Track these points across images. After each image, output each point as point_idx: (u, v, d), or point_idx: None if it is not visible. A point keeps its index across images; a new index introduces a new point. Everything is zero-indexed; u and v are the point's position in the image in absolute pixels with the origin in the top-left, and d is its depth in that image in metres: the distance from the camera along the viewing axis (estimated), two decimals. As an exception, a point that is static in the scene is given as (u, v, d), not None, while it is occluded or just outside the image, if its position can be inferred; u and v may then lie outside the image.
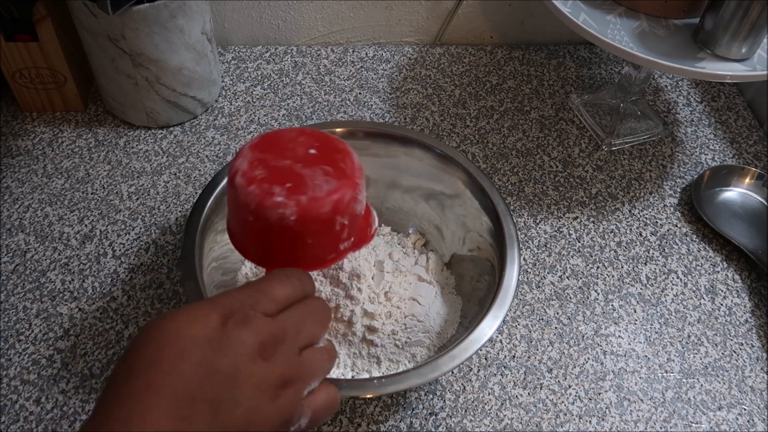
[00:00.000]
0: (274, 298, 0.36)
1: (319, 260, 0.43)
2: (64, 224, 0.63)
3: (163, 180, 0.67)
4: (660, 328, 0.59)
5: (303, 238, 0.41)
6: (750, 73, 0.58)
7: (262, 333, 0.33)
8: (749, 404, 0.55)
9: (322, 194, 0.40)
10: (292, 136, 0.44)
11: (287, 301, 0.36)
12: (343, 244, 0.43)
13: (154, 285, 0.59)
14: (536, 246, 0.64)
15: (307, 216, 0.39)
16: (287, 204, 0.39)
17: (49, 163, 0.67)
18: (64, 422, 0.50)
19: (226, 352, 0.32)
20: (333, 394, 0.38)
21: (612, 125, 0.74)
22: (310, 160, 0.42)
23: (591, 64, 0.83)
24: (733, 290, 0.62)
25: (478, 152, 0.72)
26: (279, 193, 0.39)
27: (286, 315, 0.36)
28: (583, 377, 0.55)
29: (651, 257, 0.64)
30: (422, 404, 0.53)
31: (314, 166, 0.41)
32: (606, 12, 0.62)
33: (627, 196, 0.69)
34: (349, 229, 0.43)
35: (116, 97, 0.69)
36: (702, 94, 0.81)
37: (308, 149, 0.43)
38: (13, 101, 0.72)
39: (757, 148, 0.75)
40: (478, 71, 0.81)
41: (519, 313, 0.59)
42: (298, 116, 0.74)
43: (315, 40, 0.83)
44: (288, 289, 0.37)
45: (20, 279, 0.58)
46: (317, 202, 0.39)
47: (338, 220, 0.41)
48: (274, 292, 0.36)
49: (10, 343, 0.54)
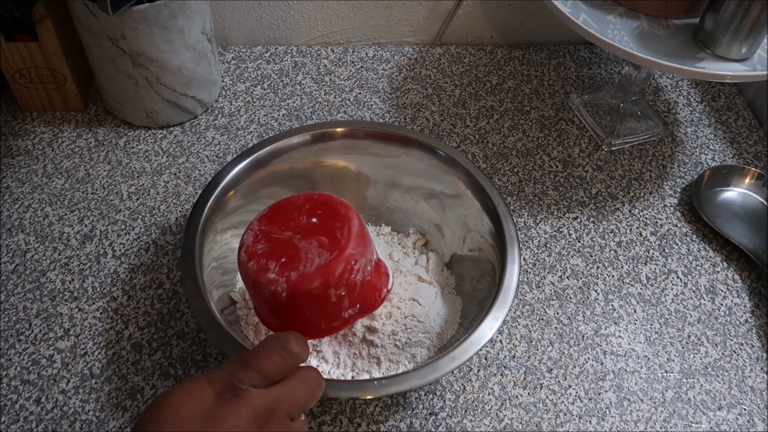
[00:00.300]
0: (264, 371, 0.37)
1: (322, 329, 0.45)
2: (64, 224, 0.63)
3: (163, 180, 0.67)
4: (660, 328, 0.59)
5: (299, 311, 0.43)
6: (750, 73, 0.58)
7: (255, 405, 0.35)
8: (749, 404, 0.55)
9: (311, 270, 0.41)
10: (300, 202, 0.45)
11: (278, 372, 0.38)
12: (347, 312, 0.45)
13: (154, 285, 0.59)
14: (536, 246, 0.64)
15: (296, 291, 0.41)
16: (278, 281, 0.41)
17: (49, 163, 0.67)
18: (64, 422, 0.50)
19: (222, 425, 0.34)
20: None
21: (612, 125, 0.74)
22: (309, 231, 0.43)
23: (591, 64, 0.83)
24: (733, 290, 0.62)
25: (478, 152, 0.72)
26: (272, 269, 0.42)
27: (280, 387, 0.37)
28: (583, 377, 0.55)
29: (651, 257, 0.64)
30: (422, 404, 0.53)
31: (311, 238, 0.43)
32: (606, 12, 0.62)
33: (627, 196, 0.69)
34: (350, 298, 0.44)
35: (116, 97, 0.69)
36: (702, 94, 0.81)
37: (311, 218, 0.44)
38: (13, 101, 0.72)
39: (757, 148, 0.75)
40: (478, 71, 0.81)
41: (519, 313, 0.59)
42: (298, 116, 0.74)
43: (315, 40, 0.83)
44: (278, 360, 0.38)
45: (20, 279, 0.58)
46: (305, 278, 0.41)
47: (332, 292, 0.43)
48: (263, 366, 0.37)
49: (10, 343, 0.54)
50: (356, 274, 0.43)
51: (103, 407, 0.51)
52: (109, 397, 0.51)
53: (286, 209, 0.45)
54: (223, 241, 0.54)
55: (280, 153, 0.57)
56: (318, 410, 0.52)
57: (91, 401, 0.51)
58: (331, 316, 0.44)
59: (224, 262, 0.54)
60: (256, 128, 0.72)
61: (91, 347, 0.54)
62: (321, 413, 0.52)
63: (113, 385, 0.52)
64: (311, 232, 0.43)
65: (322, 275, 0.41)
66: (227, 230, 0.55)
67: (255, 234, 0.44)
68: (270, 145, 0.57)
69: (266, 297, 0.42)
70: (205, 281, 0.49)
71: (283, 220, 0.44)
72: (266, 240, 0.43)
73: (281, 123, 0.73)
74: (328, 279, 0.42)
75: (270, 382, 0.37)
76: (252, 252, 0.43)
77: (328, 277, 0.42)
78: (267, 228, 0.44)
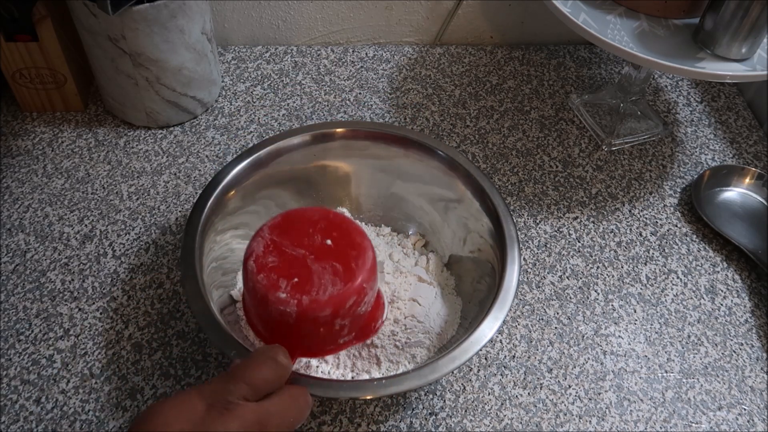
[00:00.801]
0: (254, 383, 0.37)
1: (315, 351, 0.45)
2: (64, 224, 0.63)
3: (163, 180, 0.67)
4: (660, 328, 0.59)
5: (297, 331, 0.42)
6: (750, 73, 0.58)
7: (246, 419, 0.35)
8: (749, 404, 0.55)
9: (324, 298, 0.41)
10: (315, 218, 0.44)
11: (267, 385, 0.38)
12: (343, 338, 0.45)
13: (154, 285, 0.59)
14: (536, 246, 0.64)
15: (305, 316, 0.41)
16: (289, 302, 0.40)
17: (49, 163, 0.67)
18: (64, 422, 0.50)
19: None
20: None
21: (612, 125, 0.74)
22: (324, 253, 0.42)
23: (591, 64, 0.83)
24: (733, 290, 0.62)
25: (478, 152, 0.72)
26: (284, 289, 0.40)
27: (270, 402, 0.37)
28: (583, 377, 0.55)
29: (651, 257, 0.64)
30: (422, 404, 0.53)
31: (326, 261, 0.42)
32: (606, 12, 0.62)
33: (627, 196, 0.69)
34: (350, 327, 0.44)
35: (116, 97, 0.69)
36: (702, 94, 0.81)
37: (325, 239, 0.43)
38: (13, 101, 0.72)
39: (757, 148, 0.75)
40: (478, 71, 0.81)
41: (519, 313, 0.59)
42: (298, 116, 0.74)
43: (315, 40, 0.83)
44: (268, 372, 0.38)
45: (20, 279, 0.58)
46: (318, 304, 0.40)
47: (338, 322, 0.42)
48: (253, 378, 0.37)
49: (10, 343, 0.54)
50: (362, 306, 0.43)
51: (103, 407, 0.51)
52: (109, 397, 0.51)
53: (300, 223, 0.44)
54: (223, 241, 0.54)
55: (280, 153, 0.57)
56: (318, 410, 0.52)
57: (91, 401, 0.51)
58: (326, 341, 0.44)
59: (224, 263, 0.54)
60: (256, 128, 0.72)
61: (91, 347, 0.54)
62: (321, 413, 0.52)
63: (113, 385, 0.52)
64: (325, 254, 0.42)
65: (334, 305, 0.41)
66: (227, 230, 0.55)
67: (266, 244, 0.43)
68: (270, 146, 0.57)
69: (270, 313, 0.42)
70: (205, 281, 0.49)
71: (296, 235, 0.43)
72: (278, 254, 0.42)
73: (281, 123, 0.73)
74: (338, 309, 0.41)
75: (260, 395, 0.37)
76: (262, 264, 0.42)
77: (338, 308, 0.41)
78: (279, 240, 0.43)
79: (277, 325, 0.42)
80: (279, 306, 0.41)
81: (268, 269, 0.41)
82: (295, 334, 0.42)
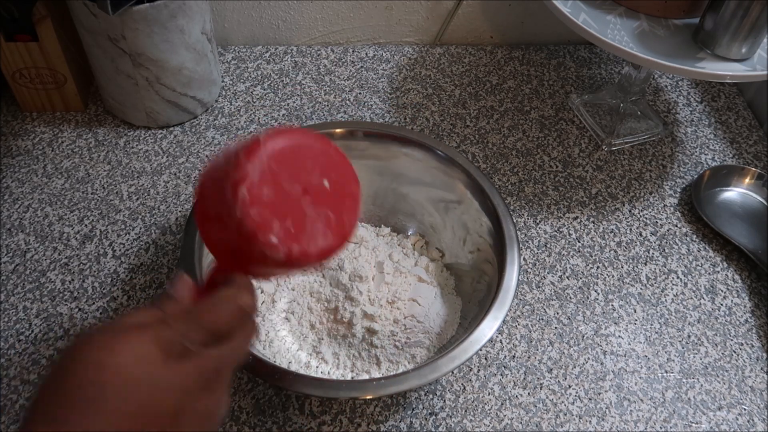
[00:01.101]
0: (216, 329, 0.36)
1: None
2: (64, 224, 0.63)
3: (163, 180, 0.67)
4: (660, 328, 0.59)
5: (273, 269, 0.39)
6: (750, 73, 0.58)
7: (204, 367, 0.34)
8: (749, 404, 0.55)
9: (314, 250, 0.38)
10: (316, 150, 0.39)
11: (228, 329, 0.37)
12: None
13: (154, 285, 0.59)
14: (536, 246, 0.64)
15: (290, 263, 0.37)
16: (278, 248, 0.36)
17: (49, 163, 0.67)
18: (64, 422, 0.50)
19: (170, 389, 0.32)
20: None
21: (612, 125, 0.74)
22: (319, 197, 0.39)
23: (591, 64, 0.83)
24: (733, 290, 0.62)
25: (478, 152, 0.72)
26: (275, 231, 0.36)
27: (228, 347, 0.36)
28: (583, 377, 0.55)
29: (651, 257, 0.64)
30: (422, 404, 0.53)
31: (320, 207, 0.39)
32: (606, 12, 0.62)
33: (627, 196, 0.69)
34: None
35: (116, 97, 0.69)
36: (702, 94, 0.81)
37: (323, 178, 0.39)
38: (13, 101, 0.72)
39: (757, 148, 0.75)
40: (478, 71, 0.81)
41: (519, 313, 0.59)
42: (298, 116, 0.74)
43: (315, 40, 0.83)
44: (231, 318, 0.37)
45: (20, 279, 0.58)
46: (305, 256, 0.38)
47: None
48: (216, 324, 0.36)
49: (10, 343, 0.54)
50: None
51: (103, 407, 0.51)
52: (109, 397, 0.51)
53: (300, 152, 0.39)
54: (223, 241, 0.54)
55: (280, 153, 0.57)
56: (318, 410, 0.52)
57: (91, 401, 0.51)
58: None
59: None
60: (256, 128, 0.72)
61: (91, 347, 0.54)
62: (321, 413, 0.52)
63: (113, 385, 0.52)
64: (321, 199, 0.39)
65: (320, 258, 0.38)
66: (227, 230, 0.55)
67: (263, 170, 0.36)
68: (270, 145, 0.57)
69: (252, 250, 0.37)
70: (205, 281, 0.49)
71: (295, 167, 0.38)
72: (274, 186, 0.37)
73: (281, 123, 0.73)
74: (321, 261, 0.39)
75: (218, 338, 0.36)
76: (257, 196, 0.36)
77: (323, 260, 0.39)
78: (277, 170, 0.37)
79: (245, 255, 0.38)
80: (266, 250, 0.36)
81: (262, 204, 0.36)
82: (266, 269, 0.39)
